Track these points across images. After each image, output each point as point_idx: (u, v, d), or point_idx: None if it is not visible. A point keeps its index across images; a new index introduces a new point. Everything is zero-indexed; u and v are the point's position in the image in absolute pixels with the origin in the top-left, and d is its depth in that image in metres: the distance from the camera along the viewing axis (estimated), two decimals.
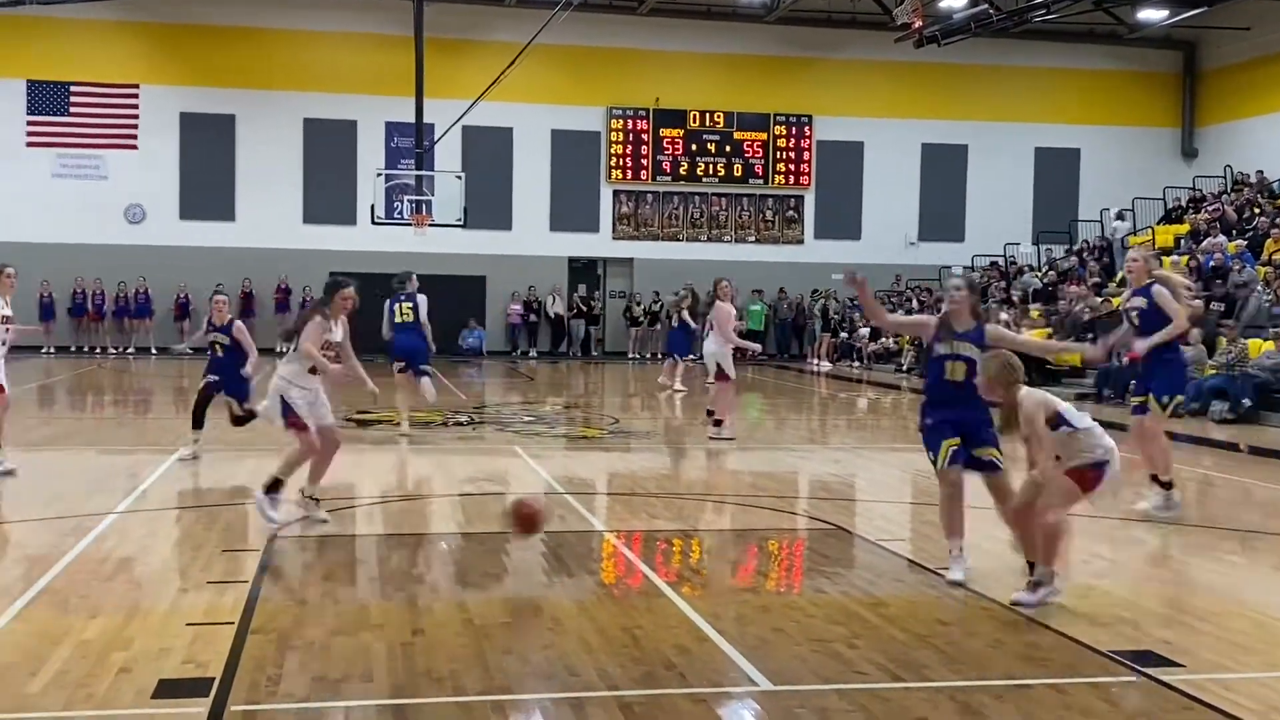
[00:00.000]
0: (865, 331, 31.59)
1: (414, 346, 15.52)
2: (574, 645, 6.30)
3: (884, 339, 30.94)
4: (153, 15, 29.60)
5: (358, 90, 31.22)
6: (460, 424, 16.68)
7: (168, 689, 5.55)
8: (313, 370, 9.33)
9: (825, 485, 12.45)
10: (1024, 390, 6.98)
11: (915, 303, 30.86)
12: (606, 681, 5.74)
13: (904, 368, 28.61)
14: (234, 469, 12.50)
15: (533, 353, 32.84)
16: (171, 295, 30.81)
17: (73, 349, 30.60)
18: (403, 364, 15.56)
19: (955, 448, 7.51)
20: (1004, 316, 26.63)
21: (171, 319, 30.68)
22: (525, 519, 8.02)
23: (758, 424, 18.73)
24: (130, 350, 30.67)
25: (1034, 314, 26.75)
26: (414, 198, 28.67)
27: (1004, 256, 33.72)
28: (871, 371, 29.67)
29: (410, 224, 28.45)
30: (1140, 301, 10.14)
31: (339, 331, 9.56)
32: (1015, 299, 29.43)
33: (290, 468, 9.32)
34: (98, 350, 30.77)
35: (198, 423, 12.99)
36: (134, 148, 31.07)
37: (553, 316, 33.28)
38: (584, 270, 33.87)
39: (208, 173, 31.31)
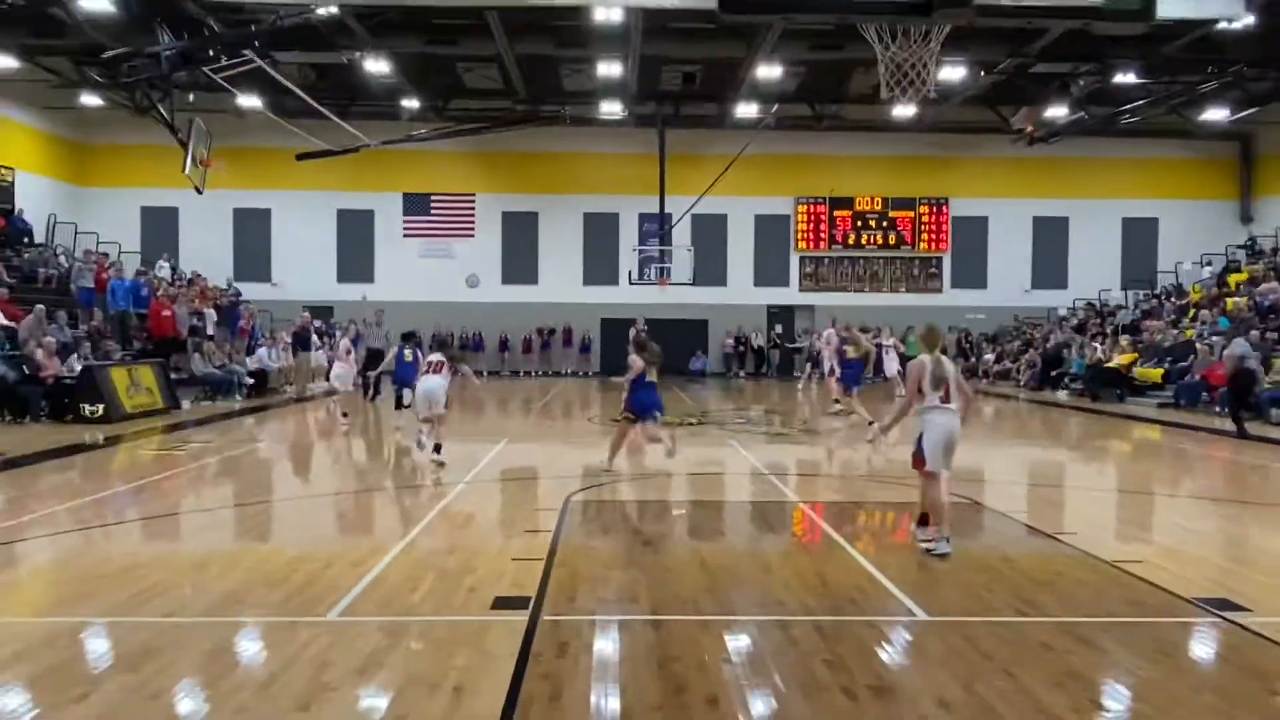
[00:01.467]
0: (990, 357, 30.17)
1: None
2: (779, 583, 6.24)
3: (1004, 361, 29.48)
4: (485, 147, 30.67)
5: (620, 192, 31.77)
6: (690, 424, 16.71)
7: (501, 603, 5.76)
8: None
9: (966, 470, 11.91)
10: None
11: (1028, 334, 29.28)
12: (805, 610, 5.66)
13: (1021, 383, 27.17)
14: (528, 455, 12.83)
15: (742, 373, 32.60)
16: (496, 336, 32.11)
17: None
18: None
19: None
20: (1096, 346, 25.05)
21: (497, 351, 31.96)
22: None
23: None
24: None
25: (1123, 343, 25.02)
26: (658, 265, 29.04)
27: (1099, 300, 31.69)
28: (994, 385, 28.27)
29: (655, 284, 28.78)
30: None
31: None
32: (1108, 331, 27.58)
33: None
34: None
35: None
36: (471, 236, 32.42)
37: (756, 348, 33.05)
38: (779, 314, 33.53)
39: (520, 252, 32.39)
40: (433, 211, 32.36)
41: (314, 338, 23.38)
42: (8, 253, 24.58)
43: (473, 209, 32.44)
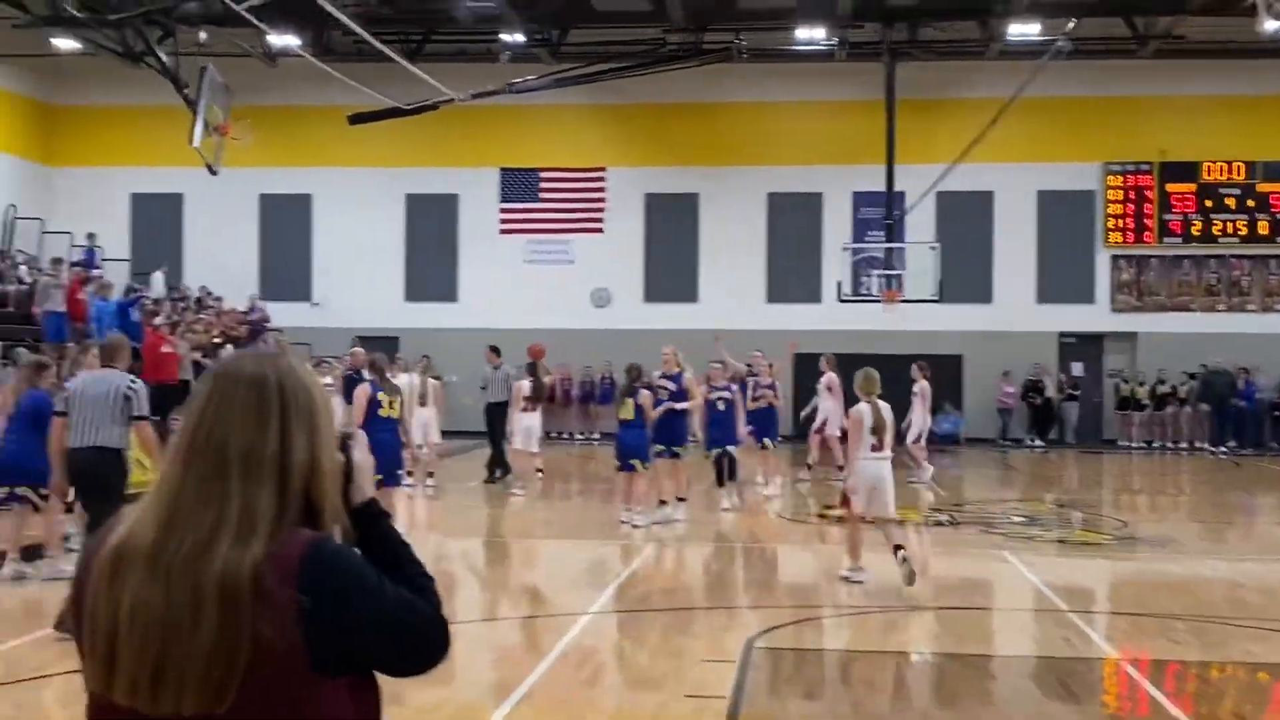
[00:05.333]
0: None
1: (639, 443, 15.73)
2: None
3: None
4: (619, 97, 31.26)
5: (823, 161, 31.80)
6: (940, 524, 16.48)
7: None
8: None
9: None
10: None
11: None
12: None
13: None
14: (689, 564, 12.95)
15: (1035, 440, 31.80)
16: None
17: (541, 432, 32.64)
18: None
19: None
20: None
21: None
22: None
23: None
24: (595, 436, 32.43)
25: None
26: (883, 272, 28.87)
27: None
28: None
29: (879, 300, 28.57)
30: None
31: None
32: None
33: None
34: (564, 435, 32.77)
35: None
36: (600, 231, 33.06)
37: (1039, 400, 32.28)
38: (1077, 346, 32.68)
39: (672, 254, 32.83)
40: (543, 195, 33.19)
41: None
42: None
43: (602, 190, 33.14)
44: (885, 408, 11.66)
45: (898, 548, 11.45)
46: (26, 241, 30.36)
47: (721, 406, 17.50)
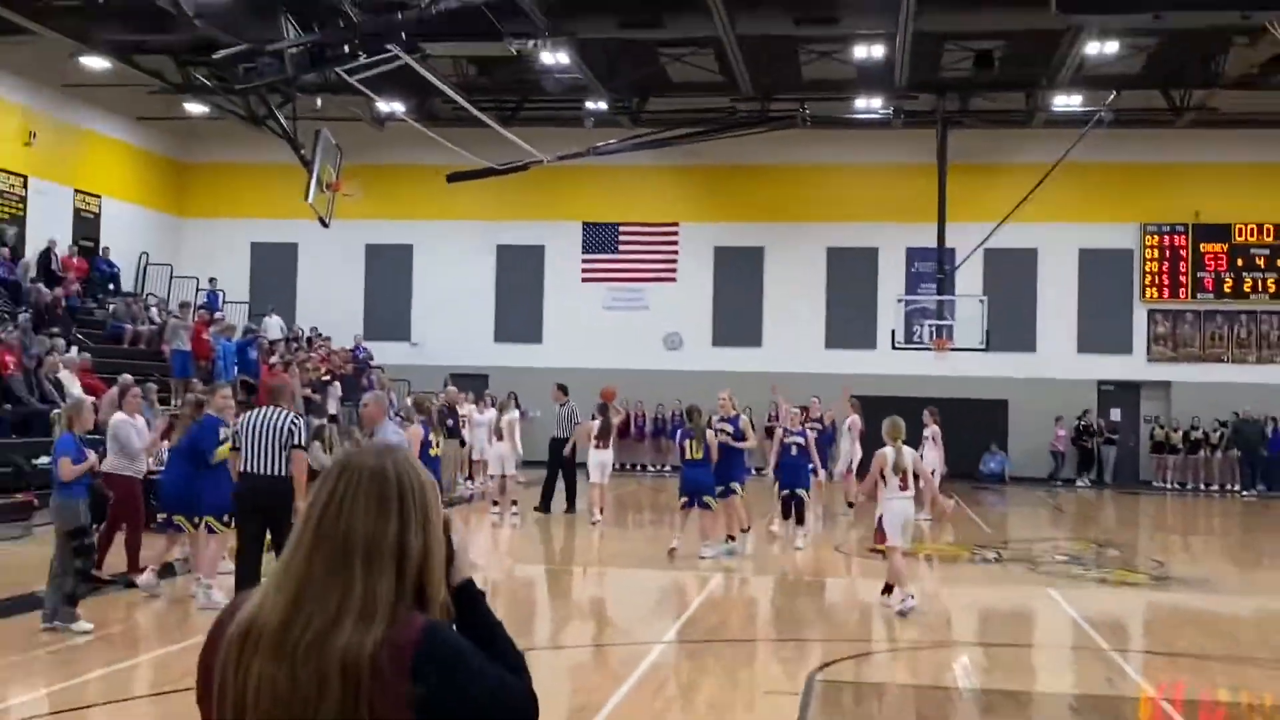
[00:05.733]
0: None
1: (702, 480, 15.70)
2: None
3: None
4: (692, 159, 31.44)
5: (879, 218, 31.69)
6: (986, 560, 16.22)
7: None
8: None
9: None
10: None
11: None
12: None
13: None
14: (753, 597, 12.81)
15: (1085, 481, 31.26)
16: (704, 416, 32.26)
17: (615, 465, 32.63)
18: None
19: None
20: None
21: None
22: None
23: None
24: (666, 469, 32.38)
25: None
26: (934, 322, 28.61)
27: None
28: None
29: (930, 348, 28.33)
30: None
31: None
32: None
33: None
34: (638, 467, 32.80)
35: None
36: (673, 280, 33.15)
37: (1091, 444, 31.75)
38: (1115, 393, 32.16)
39: (738, 302, 32.80)
40: (622, 247, 33.46)
41: (468, 417, 23.99)
42: (89, 303, 26.95)
43: (675, 243, 33.28)
44: (908, 451, 12.03)
45: (889, 586, 12.00)
46: (157, 285, 30.98)
47: (794, 451, 17.17)
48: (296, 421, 10.50)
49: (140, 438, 12.44)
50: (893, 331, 29.00)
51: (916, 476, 12.02)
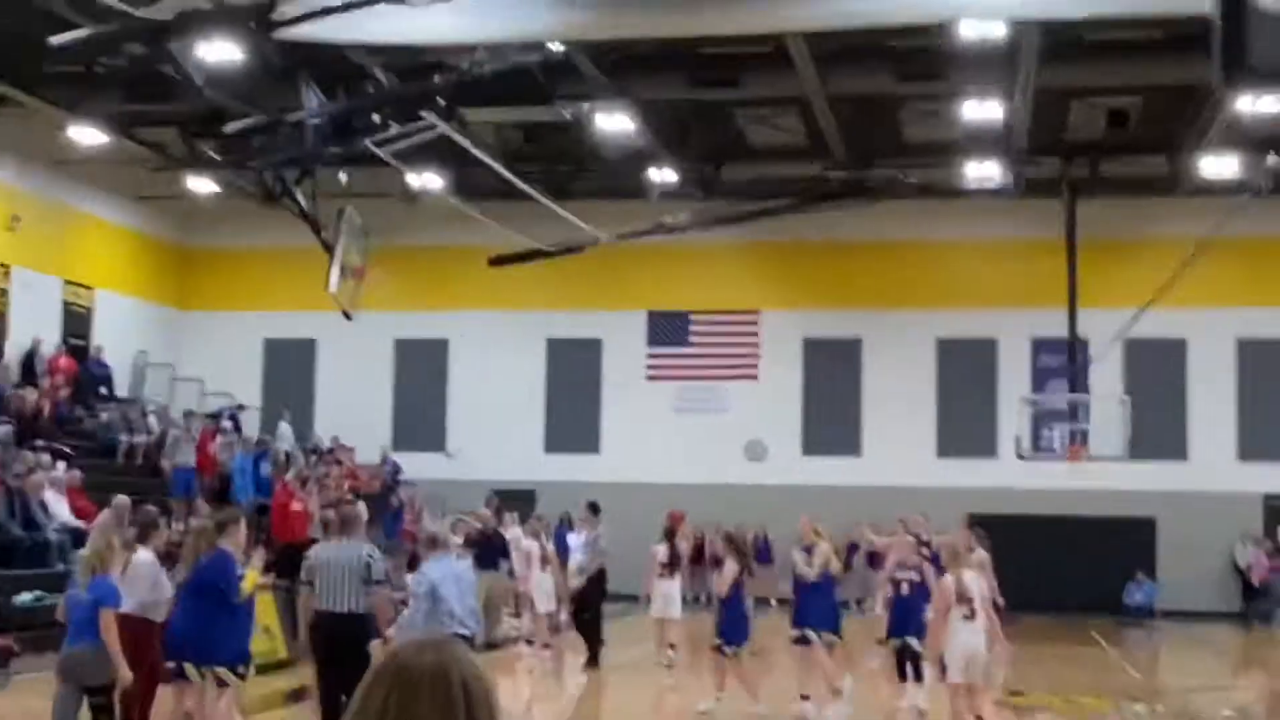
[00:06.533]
0: None
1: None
2: None
3: None
4: (775, 234, 31.25)
5: (998, 304, 31.60)
6: (1136, 715, 15.96)
7: None
8: None
9: None
10: None
11: None
12: None
13: None
14: None
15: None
16: (790, 540, 31.83)
17: (687, 598, 32.30)
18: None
19: None
20: None
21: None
22: None
23: None
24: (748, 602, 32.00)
25: None
26: (1066, 426, 28.40)
27: None
28: None
29: (1062, 457, 28.11)
30: None
31: None
32: None
33: None
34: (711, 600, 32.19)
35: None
36: (754, 378, 33.13)
37: (1243, 568, 31.27)
38: None
39: (832, 403, 32.67)
40: (694, 339, 33.52)
41: (516, 542, 23.42)
42: (79, 411, 27.40)
43: (757, 334, 33.35)
44: (971, 576, 12.77)
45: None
46: (156, 389, 31.37)
47: (906, 590, 16.11)
48: (374, 555, 11.25)
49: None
50: (1017, 438, 28.70)
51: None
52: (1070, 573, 29.86)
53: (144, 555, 12.35)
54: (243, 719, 11.82)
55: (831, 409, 32.75)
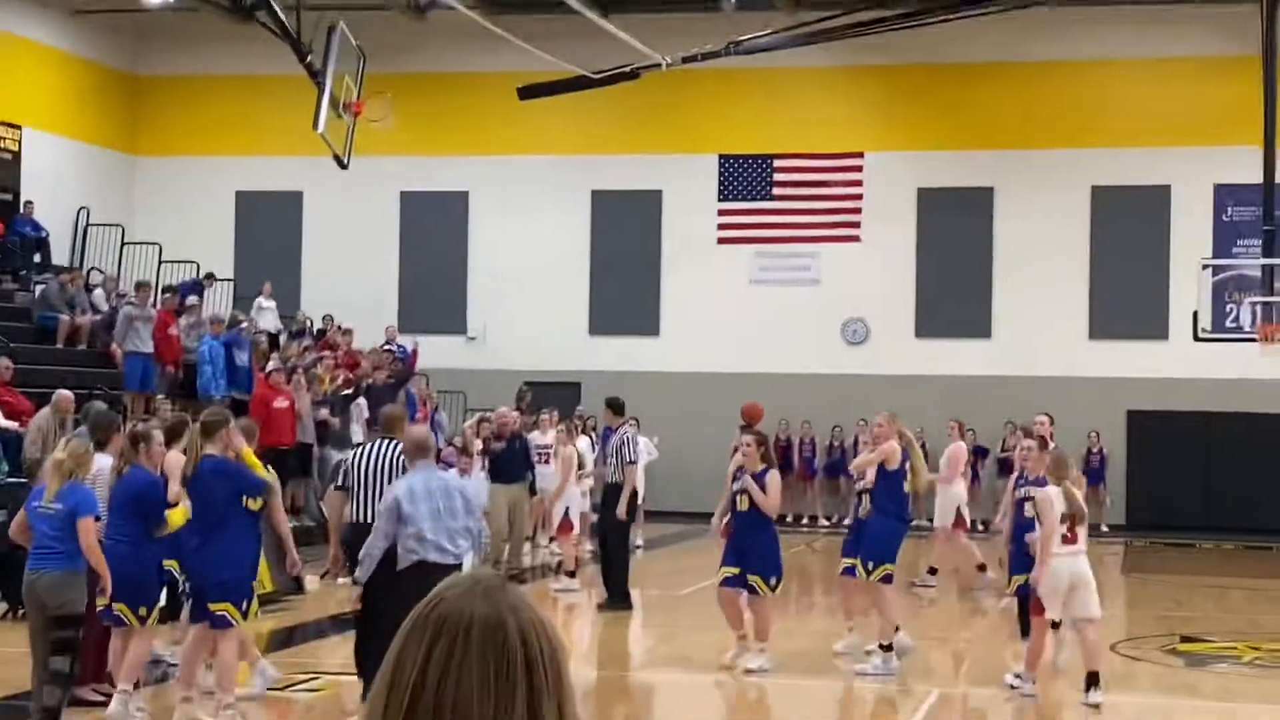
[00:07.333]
0: None
1: None
2: None
3: None
4: (882, 57, 30.66)
5: (1171, 141, 30.71)
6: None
7: None
8: None
9: None
10: None
11: None
12: None
13: None
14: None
15: None
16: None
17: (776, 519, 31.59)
18: None
19: None
20: None
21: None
22: None
23: None
24: (847, 521, 30.96)
25: None
26: (1260, 299, 27.27)
27: None
28: None
29: (1254, 337, 27.02)
30: None
31: None
32: None
33: None
34: (804, 521, 31.62)
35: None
36: (856, 240, 32.32)
37: None
38: None
39: (954, 271, 31.96)
40: (778, 191, 32.78)
41: (545, 446, 23.50)
42: (8, 284, 26.79)
43: (860, 184, 32.56)
44: (1078, 494, 12.84)
45: (1093, 675, 12.42)
46: (103, 256, 30.76)
47: (1030, 512, 14.48)
48: None
49: None
50: (1195, 313, 27.56)
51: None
52: (1262, 488, 29.69)
53: (105, 460, 12.38)
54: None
55: (953, 279, 32.21)
